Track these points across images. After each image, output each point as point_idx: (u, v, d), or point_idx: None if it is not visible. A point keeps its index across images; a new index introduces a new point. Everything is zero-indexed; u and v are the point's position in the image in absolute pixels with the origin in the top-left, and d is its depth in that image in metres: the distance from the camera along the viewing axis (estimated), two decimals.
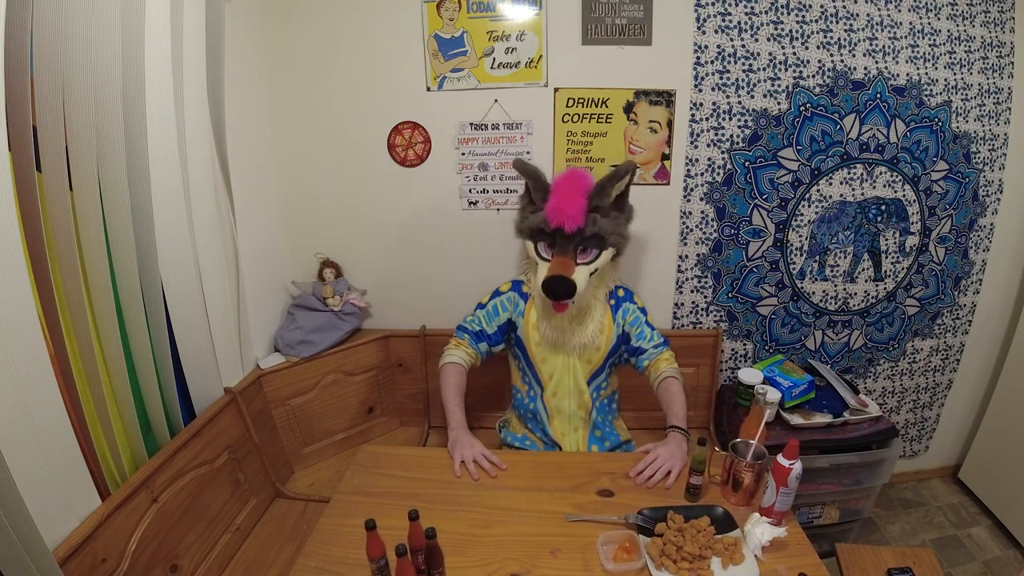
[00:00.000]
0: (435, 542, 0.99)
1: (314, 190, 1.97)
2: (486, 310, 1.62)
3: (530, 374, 1.60)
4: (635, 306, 1.59)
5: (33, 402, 0.99)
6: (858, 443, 1.77)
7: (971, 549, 2.04)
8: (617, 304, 1.58)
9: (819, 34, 1.75)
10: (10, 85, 0.94)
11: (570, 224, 1.37)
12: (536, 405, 1.60)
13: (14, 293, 0.95)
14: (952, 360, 2.24)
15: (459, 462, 1.38)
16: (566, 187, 1.40)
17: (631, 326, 1.57)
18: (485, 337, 1.61)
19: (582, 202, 1.38)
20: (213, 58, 1.47)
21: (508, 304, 1.61)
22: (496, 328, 1.61)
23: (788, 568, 1.08)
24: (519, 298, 1.60)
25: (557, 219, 1.37)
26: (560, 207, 1.37)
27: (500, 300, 1.62)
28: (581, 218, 1.38)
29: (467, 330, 1.62)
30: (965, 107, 1.87)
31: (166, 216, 1.34)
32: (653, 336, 1.57)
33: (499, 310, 1.61)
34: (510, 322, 1.61)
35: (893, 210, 1.95)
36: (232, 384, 1.65)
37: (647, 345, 1.56)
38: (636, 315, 1.58)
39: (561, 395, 1.57)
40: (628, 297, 1.60)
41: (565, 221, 1.37)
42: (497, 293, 1.64)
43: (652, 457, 1.37)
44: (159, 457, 1.30)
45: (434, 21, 1.76)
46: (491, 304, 1.62)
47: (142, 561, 1.18)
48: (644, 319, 1.58)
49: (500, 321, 1.61)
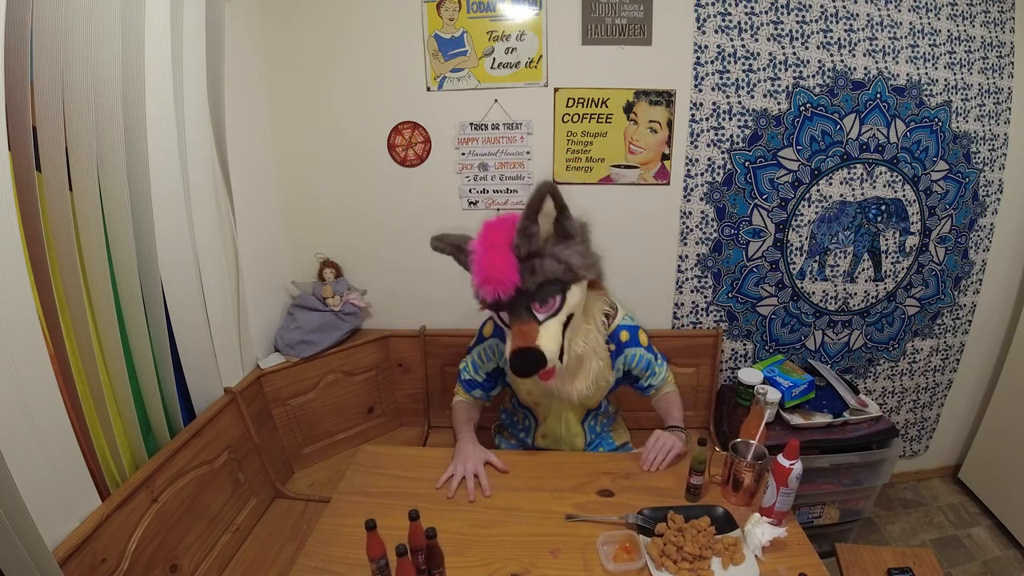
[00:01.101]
0: (435, 542, 0.99)
1: (314, 190, 1.97)
2: (472, 358, 1.52)
3: (527, 412, 1.56)
4: (641, 349, 1.43)
5: (33, 402, 0.99)
6: (858, 443, 1.77)
7: (971, 549, 2.03)
8: (619, 350, 1.42)
9: (819, 34, 1.75)
10: (10, 85, 0.94)
11: (503, 290, 1.14)
12: (527, 438, 1.58)
13: (14, 293, 0.95)
14: (952, 360, 2.24)
15: (449, 475, 1.32)
16: (484, 250, 1.17)
17: (640, 369, 1.46)
18: (477, 384, 1.52)
19: (507, 258, 1.15)
20: (213, 58, 1.47)
21: (491, 353, 1.48)
22: (485, 375, 1.51)
23: (788, 568, 1.08)
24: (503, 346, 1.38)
25: (488, 290, 1.15)
26: (485, 276, 1.16)
27: (483, 348, 1.49)
28: (514, 275, 1.14)
29: (460, 377, 1.55)
30: (965, 107, 1.87)
31: (166, 216, 1.34)
32: (659, 370, 1.48)
33: (484, 359, 1.49)
34: (498, 368, 1.50)
35: (893, 210, 1.95)
36: (232, 384, 1.65)
37: (656, 381, 1.49)
38: (643, 358, 1.44)
39: (551, 439, 1.54)
40: (633, 341, 1.42)
41: (500, 290, 1.14)
42: (480, 339, 1.50)
43: (652, 440, 1.37)
44: (159, 457, 1.30)
45: (434, 21, 1.76)
46: (476, 351, 1.51)
47: (142, 561, 1.18)
48: (651, 357, 1.46)
49: (488, 369, 1.50)
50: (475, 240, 1.22)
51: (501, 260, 1.15)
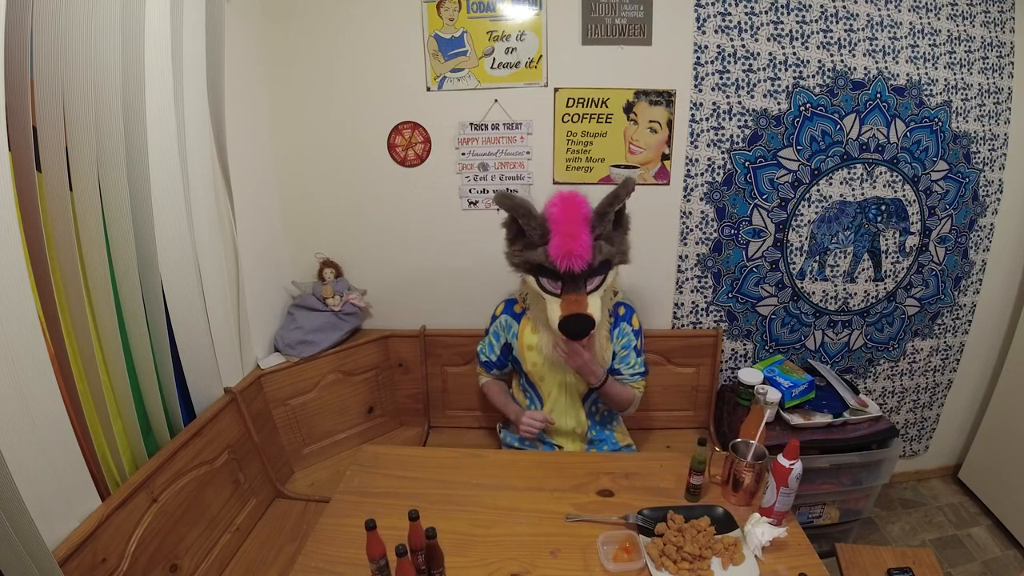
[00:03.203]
0: (435, 542, 0.99)
1: (314, 190, 1.97)
2: (488, 339, 1.66)
3: (531, 390, 1.61)
4: (630, 328, 1.55)
5: (33, 402, 0.99)
6: (858, 443, 1.77)
7: (971, 549, 2.03)
8: (616, 323, 1.55)
9: (819, 34, 1.75)
10: (10, 85, 0.94)
11: (579, 264, 1.28)
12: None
13: (14, 293, 0.95)
14: (952, 360, 2.24)
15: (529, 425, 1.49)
16: (566, 222, 1.29)
17: (620, 348, 1.55)
18: (493, 364, 1.67)
19: (587, 237, 1.29)
20: (213, 58, 1.47)
21: (501, 329, 1.62)
22: (500, 353, 1.64)
23: (788, 568, 1.08)
24: (512, 320, 1.59)
25: (566, 262, 1.28)
26: (568, 249, 1.28)
27: (495, 325, 1.63)
28: (590, 254, 1.29)
29: (480, 360, 1.69)
30: (965, 107, 1.87)
31: (166, 216, 1.34)
32: (635, 364, 1.56)
33: (498, 335, 1.63)
34: (507, 344, 1.62)
35: (893, 210, 1.95)
36: (232, 384, 1.64)
37: (626, 371, 1.56)
38: (628, 338, 1.55)
39: (558, 412, 1.57)
40: (627, 316, 1.56)
41: (575, 263, 1.28)
42: (493, 318, 1.65)
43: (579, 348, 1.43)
44: (159, 457, 1.30)
45: (434, 21, 1.76)
46: (491, 331, 1.65)
47: (142, 561, 1.18)
48: (634, 343, 1.55)
49: (500, 345, 1.63)
50: (552, 209, 1.32)
51: (583, 237, 1.28)
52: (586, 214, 1.31)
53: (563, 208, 1.31)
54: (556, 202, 1.33)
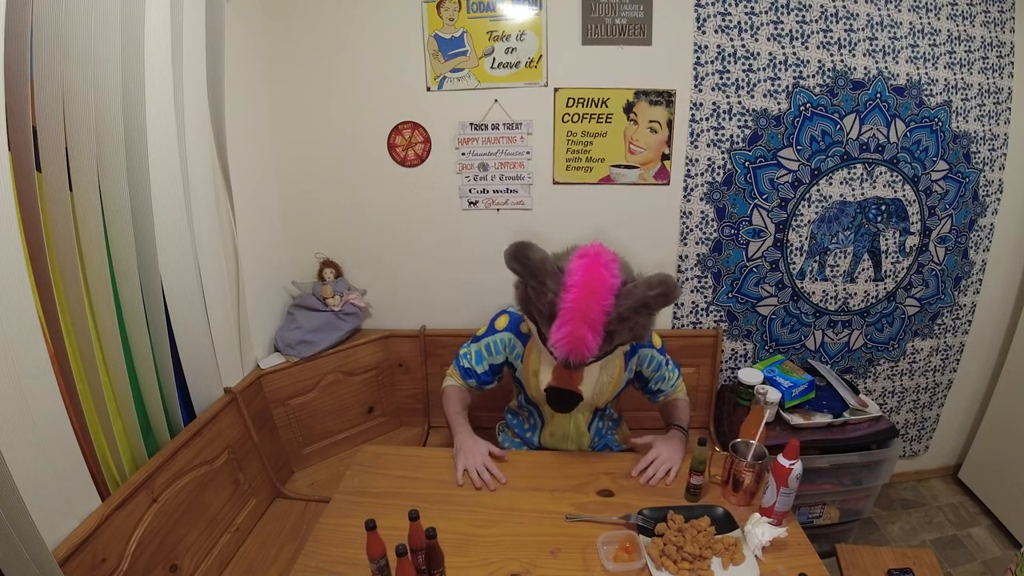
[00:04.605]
0: (435, 542, 0.99)
1: (314, 190, 1.97)
2: (478, 348, 1.48)
3: (533, 410, 1.54)
4: (653, 350, 1.44)
5: (33, 402, 0.99)
6: (858, 443, 1.77)
7: (971, 549, 2.03)
8: (632, 350, 1.42)
9: (819, 34, 1.75)
10: (10, 85, 0.94)
11: (579, 359, 1.16)
12: (533, 437, 1.56)
13: (14, 293, 0.95)
14: (952, 360, 2.24)
15: (462, 471, 1.33)
16: (583, 303, 1.12)
17: (651, 371, 1.46)
18: (475, 375, 1.47)
19: (595, 338, 1.14)
20: (213, 58, 1.47)
21: (502, 347, 1.45)
22: (487, 368, 1.46)
23: (788, 568, 1.08)
24: (517, 341, 1.44)
25: (565, 355, 1.15)
26: (570, 347, 1.14)
27: (494, 340, 1.46)
28: (595, 352, 1.16)
29: (458, 363, 1.51)
30: (965, 107, 1.87)
31: (166, 216, 1.34)
32: (671, 374, 1.49)
33: (492, 351, 1.46)
34: (507, 362, 1.48)
35: (893, 210, 1.95)
36: (232, 384, 1.64)
37: (667, 387, 1.50)
38: (656, 360, 1.45)
39: (558, 437, 1.52)
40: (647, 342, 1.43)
41: (574, 358, 1.15)
42: (492, 330, 1.47)
43: (653, 455, 1.36)
44: (159, 457, 1.30)
45: (434, 21, 1.76)
46: (484, 342, 1.47)
47: (142, 561, 1.18)
48: (661, 360, 1.45)
49: (492, 362, 1.46)
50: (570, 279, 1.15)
51: (589, 338, 1.13)
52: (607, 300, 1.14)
53: (581, 288, 1.13)
54: (576, 271, 1.15)
